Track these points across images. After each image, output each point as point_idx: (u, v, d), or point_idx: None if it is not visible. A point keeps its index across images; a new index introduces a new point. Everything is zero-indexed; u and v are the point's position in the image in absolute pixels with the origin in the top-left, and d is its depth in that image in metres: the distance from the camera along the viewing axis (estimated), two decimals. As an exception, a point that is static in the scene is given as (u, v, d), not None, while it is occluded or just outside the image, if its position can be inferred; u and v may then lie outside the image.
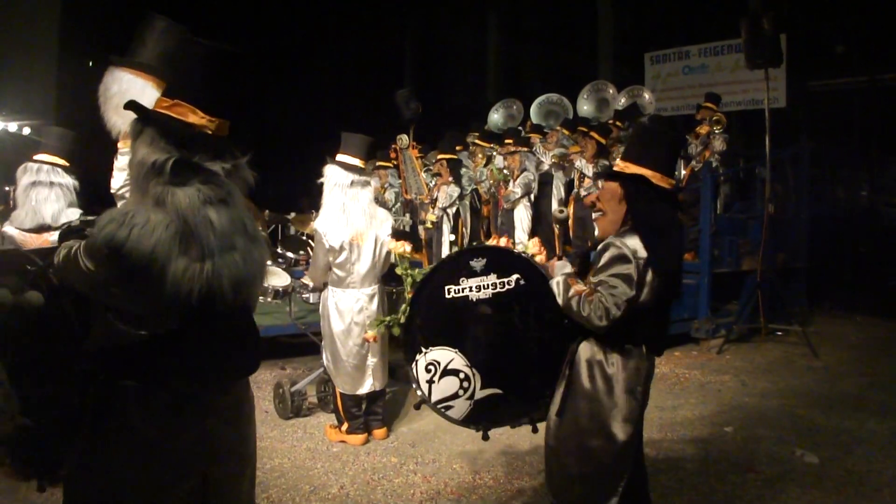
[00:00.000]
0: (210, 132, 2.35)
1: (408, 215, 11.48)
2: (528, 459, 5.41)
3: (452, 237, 10.01)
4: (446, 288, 3.70)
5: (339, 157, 5.70)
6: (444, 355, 3.71)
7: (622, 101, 13.30)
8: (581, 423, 3.28)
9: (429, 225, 10.21)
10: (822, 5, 14.88)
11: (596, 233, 3.61)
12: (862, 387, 7.14)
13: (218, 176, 2.31)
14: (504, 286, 3.60)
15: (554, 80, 17.17)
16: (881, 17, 13.90)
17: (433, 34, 22.92)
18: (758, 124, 10.00)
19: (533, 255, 3.77)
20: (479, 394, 3.66)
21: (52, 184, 4.88)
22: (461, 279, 3.67)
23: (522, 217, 10.00)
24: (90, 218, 2.31)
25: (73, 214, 4.91)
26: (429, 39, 23.03)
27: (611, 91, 13.72)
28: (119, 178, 4.86)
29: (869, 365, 8.00)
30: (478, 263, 3.64)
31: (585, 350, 3.30)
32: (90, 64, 18.48)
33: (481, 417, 3.72)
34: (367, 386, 5.78)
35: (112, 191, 5.05)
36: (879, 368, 7.83)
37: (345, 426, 5.82)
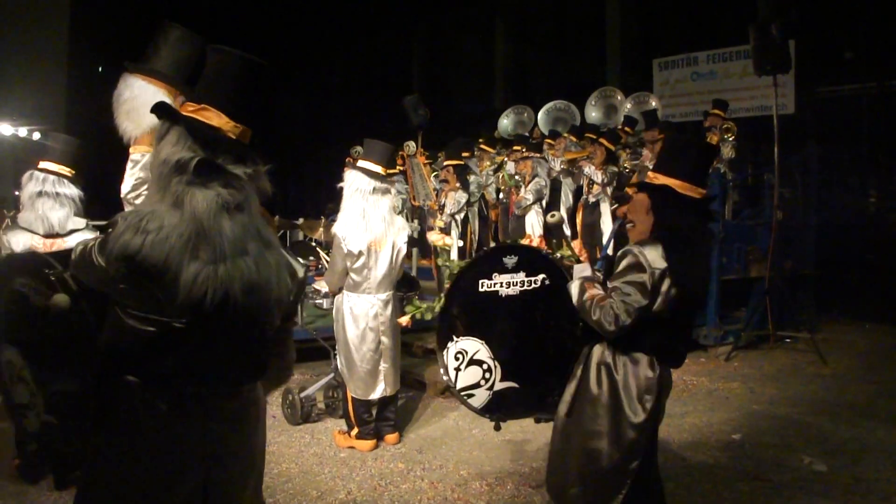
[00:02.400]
0: (234, 137, 2.39)
1: (416, 221, 11.49)
2: (535, 466, 5.40)
3: (461, 243, 10.01)
4: (480, 281, 3.89)
5: (361, 164, 5.75)
6: (473, 345, 3.91)
7: (628, 107, 13.30)
8: (586, 425, 3.30)
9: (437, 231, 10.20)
10: (830, 12, 14.84)
11: (608, 229, 3.68)
12: (871, 394, 7.11)
13: (239, 180, 2.35)
14: (531, 284, 3.77)
15: (561, 87, 17.16)
16: (890, 23, 13.86)
17: (441, 41, 22.95)
18: (766, 131, 9.98)
19: (575, 258, 3.96)
20: (498, 385, 3.84)
21: (57, 195, 4.91)
22: (494, 274, 3.84)
23: (534, 223, 9.99)
24: (107, 223, 2.34)
25: (80, 222, 4.95)
26: (436, 46, 23.07)
27: (619, 97, 13.72)
28: (129, 183, 4.88)
29: (878, 372, 7.96)
30: (510, 260, 3.82)
31: (597, 354, 3.32)
32: (99, 69, 18.57)
33: (497, 408, 3.88)
34: (380, 391, 5.80)
35: (122, 195, 5.07)
36: (888, 376, 7.79)
37: (354, 431, 5.83)
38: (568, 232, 10.20)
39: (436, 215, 10.45)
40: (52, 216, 4.86)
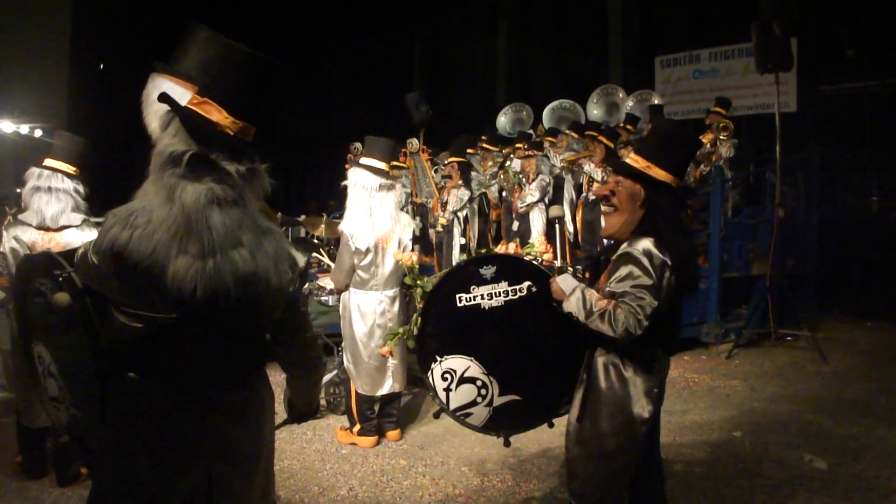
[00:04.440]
0: (231, 133, 2.37)
1: (418, 218, 11.49)
2: (536, 463, 5.42)
3: (463, 241, 10.02)
4: (457, 296, 3.69)
5: (364, 161, 5.74)
6: (460, 363, 3.71)
7: (630, 105, 13.30)
8: (601, 426, 3.27)
9: (439, 228, 10.21)
10: (832, 10, 14.83)
11: (603, 226, 3.53)
12: (871, 392, 7.11)
13: (231, 176, 2.33)
14: (516, 293, 3.61)
15: (563, 85, 17.16)
16: (892, 21, 13.85)
17: (443, 39, 22.96)
18: (768, 128, 10.00)
19: (541, 254, 3.80)
20: (498, 400, 3.67)
21: (50, 189, 4.90)
22: (472, 287, 3.66)
23: (537, 221, 9.98)
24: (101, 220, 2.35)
25: (76, 218, 4.93)
26: (438, 44, 23.08)
27: (620, 95, 13.71)
28: None
29: (878, 370, 7.96)
30: (487, 271, 3.64)
31: (602, 354, 3.28)
32: (100, 67, 18.59)
33: (501, 424, 3.73)
34: (387, 387, 5.82)
35: None
36: (889, 374, 7.79)
37: (357, 427, 5.84)
38: (571, 228, 10.23)
39: (437, 212, 10.44)
40: (45, 210, 4.84)
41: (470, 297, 3.66)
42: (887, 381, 7.52)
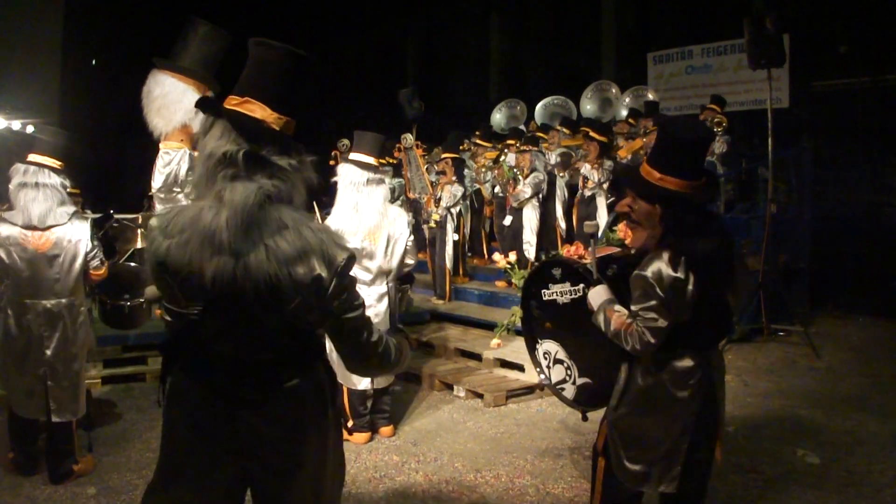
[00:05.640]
0: (277, 128, 2.38)
1: (410, 214, 11.48)
2: (529, 458, 5.42)
3: (456, 237, 10.01)
4: (542, 291, 4.26)
5: (353, 156, 5.72)
6: (553, 347, 4.28)
7: (627, 101, 13.31)
8: (636, 420, 3.39)
9: (432, 224, 10.20)
10: (825, 6, 14.86)
11: (629, 242, 3.61)
12: (864, 388, 7.14)
13: (285, 171, 2.34)
14: (577, 293, 4.02)
15: (557, 81, 17.18)
16: (885, 17, 13.87)
17: (436, 34, 22.92)
18: (760, 124, 9.98)
19: (622, 239, 4.25)
20: (579, 381, 4.15)
21: (37, 185, 4.85)
22: (550, 285, 4.21)
23: (531, 217, 9.98)
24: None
25: (62, 215, 4.89)
26: (431, 39, 23.03)
27: (614, 91, 13.73)
28: (159, 179, 4.94)
29: (871, 366, 7.99)
30: (556, 272, 4.17)
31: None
32: (93, 62, 18.52)
33: (583, 401, 4.15)
34: (365, 383, 5.77)
35: (152, 191, 5.11)
36: (881, 369, 7.82)
37: (349, 424, 5.83)
38: (564, 225, 10.23)
39: (430, 208, 10.43)
40: (32, 208, 4.79)
41: (549, 293, 4.22)
42: (880, 376, 7.55)
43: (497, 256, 6.03)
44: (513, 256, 6.49)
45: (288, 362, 2.47)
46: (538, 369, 4.42)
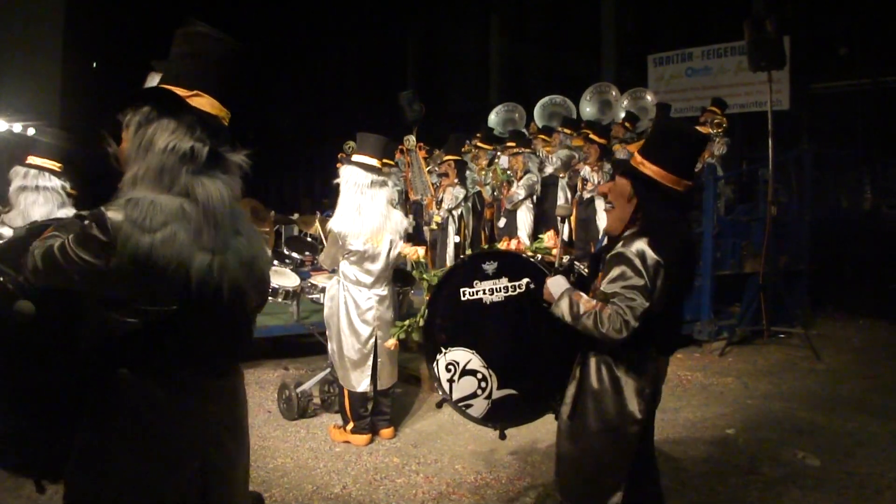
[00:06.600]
0: (226, 123, 2.39)
1: (411, 216, 11.50)
2: (530, 460, 5.42)
3: (457, 239, 10.02)
4: (461, 290, 3.86)
5: (356, 158, 5.71)
6: (463, 356, 3.87)
7: (625, 103, 13.32)
8: (591, 424, 3.27)
9: (434, 226, 10.22)
10: (825, 8, 14.88)
11: (603, 225, 3.60)
12: (864, 389, 7.13)
13: (239, 167, 2.36)
14: (515, 290, 3.70)
15: (557, 83, 17.18)
16: (885, 19, 13.90)
17: (436, 36, 22.95)
18: (761, 126, 9.98)
19: (549, 248, 3.92)
20: (497, 394, 3.79)
21: (37, 188, 4.85)
22: (475, 282, 3.80)
23: (524, 219, 9.99)
24: (83, 213, 2.29)
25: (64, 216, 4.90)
26: (431, 42, 23.06)
27: (613, 93, 13.75)
28: None
29: (871, 368, 7.99)
30: (489, 267, 3.78)
31: (594, 353, 3.26)
32: (93, 65, 18.53)
33: (499, 417, 3.84)
34: (364, 385, 5.77)
35: None
36: (881, 371, 7.81)
37: (350, 426, 5.82)
38: (563, 226, 10.22)
39: (431, 210, 10.45)
40: (33, 212, 4.78)
41: (473, 292, 3.82)
42: (880, 378, 7.54)
43: (407, 249, 5.73)
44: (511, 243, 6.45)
45: (244, 350, 2.59)
46: (436, 383, 3.99)
